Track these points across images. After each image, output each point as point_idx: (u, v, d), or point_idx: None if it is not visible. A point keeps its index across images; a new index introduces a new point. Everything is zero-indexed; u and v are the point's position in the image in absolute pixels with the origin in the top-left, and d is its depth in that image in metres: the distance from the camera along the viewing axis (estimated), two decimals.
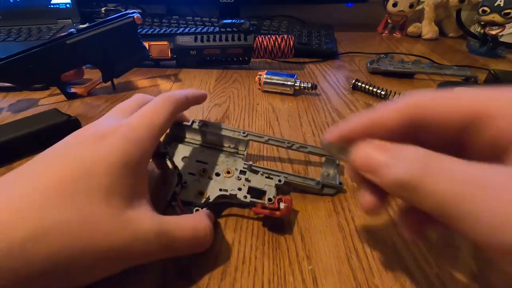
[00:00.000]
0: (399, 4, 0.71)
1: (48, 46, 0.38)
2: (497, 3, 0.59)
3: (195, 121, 0.28)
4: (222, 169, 0.26)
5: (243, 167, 0.26)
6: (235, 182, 0.25)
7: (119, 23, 0.42)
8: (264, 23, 0.72)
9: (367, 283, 0.20)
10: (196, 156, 0.27)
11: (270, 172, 0.26)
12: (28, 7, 0.69)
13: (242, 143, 0.28)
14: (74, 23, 0.69)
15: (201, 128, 0.28)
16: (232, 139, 0.28)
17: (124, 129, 0.19)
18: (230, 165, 0.27)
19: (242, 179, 0.26)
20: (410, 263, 0.22)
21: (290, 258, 0.22)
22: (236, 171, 0.26)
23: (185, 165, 0.27)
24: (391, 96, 0.44)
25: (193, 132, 0.28)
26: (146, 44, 0.49)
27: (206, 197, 0.24)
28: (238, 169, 0.26)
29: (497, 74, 0.47)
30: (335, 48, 0.62)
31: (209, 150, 0.28)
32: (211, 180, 0.26)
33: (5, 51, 0.43)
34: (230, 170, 0.26)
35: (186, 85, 0.49)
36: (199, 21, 0.69)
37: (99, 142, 0.18)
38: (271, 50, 0.53)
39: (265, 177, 0.26)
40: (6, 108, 0.41)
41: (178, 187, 0.24)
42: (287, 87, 0.45)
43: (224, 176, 0.26)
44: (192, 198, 0.24)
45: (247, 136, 0.27)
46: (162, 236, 0.18)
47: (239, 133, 0.27)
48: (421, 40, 0.75)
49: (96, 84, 0.45)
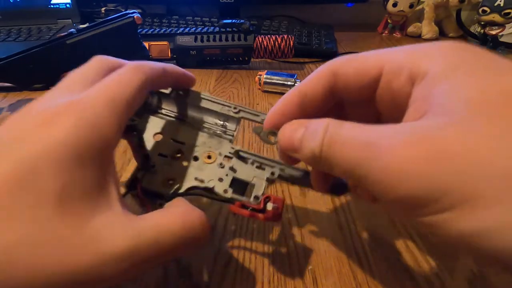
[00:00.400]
0: (399, 4, 0.71)
1: (48, 46, 0.39)
2: (497, 3, 0.59)
3: (176, 90, 0.22)
4: (202, 152, 0.21)
5: (229, 151, 0.21)
6: (216, 171, 0.20)
7: (119, 23, 0.42)
8: (264, 23, 0.72)
9: (367, 283, 0.20)
10: (172, 133, 0.22)
11: (263, 161, 0.21)
12: (28, 7, 0.69)
13: (232, 120, 0.22)
14: (74, 23, 0.69)
15: (181, 97, 0.22)
16: (220, 114, 0.22)
17: (77, 108, 0.14)
18: (213, 148, 0.21)
19: (225, 167, 0.20)
20: (410, 263, 0.22)
21: (290, 258, 0.22)
22: (220, 156, 0.21)
23: (157, 144, 0.21)
24: None
25: (172, 102, 0.23)
26: (146, 44, 0.49)
27: (175, 187, 0.20)
28: (222, 154, 0.21)
29: None
30: (335, 48, 0.62)
31: (190, 126, 0.22)
32: (186, 165, 0.21)
33: (5, 51, 0.43)
34: (211, 155, 0.21)
35: None
36: (199, 21, 0.69)
37: (45, 127, 0.13)
38: (271, 50, 0.53)
39: (255, 167, 0.21)
40: (6, 108, 0.41)
41: (141, 171, 0.20)
42: (287, 87, 0.45)
43: (203, 161, 0.21)
44: (157, 187, 0.20)
45: (239, 113, 0.22)
46: (141, 250, 0.13)
47: (229, 108, 0.22)
48: (421, 40, 0.75)
49: None
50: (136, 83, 0.17)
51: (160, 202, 0.19)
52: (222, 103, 0.22)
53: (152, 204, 0.19)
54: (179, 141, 0.22)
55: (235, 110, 0.22)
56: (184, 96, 0.22)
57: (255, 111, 0.22)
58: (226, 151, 0.21)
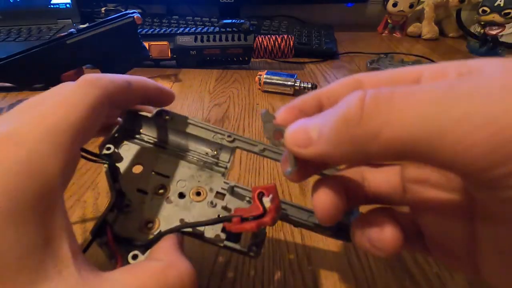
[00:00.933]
0: (399, 4, 0.71)
1: (48, 46, 0.39)
2: (497, 3, 0.59)
3: (161, 113, 0.19)
4: (190, 188, 0.18)
5: (221, 187, 0.18)
6: (206, 211, 0.17)
7: (119, 23, 0.42)
8: (264, 23, 0.72)
9: (367, 283, 0.20)
10: (154, 164, 0.18)
11: None
12: (28, 7, 0.69)
13: (225, 150, 0.19)
14: (74, 23, 0.69)
15: (165, 121, 0.19)
16: (211, 143, 0.19)
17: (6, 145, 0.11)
18: (203, 183, 0.18)
19: (217, 206, 0.17)
20: (410, 263, 0.22)
21: (290, 258, 0.22)
22: (211, 192, 0.18)
23: (135, 177, 0.18)
24: None
25: (154, 127, 0.19)
26: (146, 44, 0.49)
27: (155, 230, 0.16)
28: (214, 190, 0.18)
29: None
30: (335, 48, 0.62)
31: (175, 157, 0.19)
32: (169, 204, 0.17)
33: (5, 51, 0.43)
34: (201, 191, 0.18)
35: (186, 85, 0.49)
36: (199, 21, 0.69)
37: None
38: (271, 50, 0.53)
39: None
40: (6, 108, 0.41)
41: (113, 212, 0.16)
42: (287, 87, 0.45)
43: (190, 199, 0.17)
44: (134, 231, 0.16)
45: (233, 142, 0.19)
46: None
47: (222, 136, 0.19)
48: (421, 40, 0.75)
49: None
50: (88, 101, 0.13)
51: (134, 253, 0.14)
52: (214, 130, 0.19)
53: (124, 256, 0.14)
54: (162, 174, 0.18)
55: (230, 138, 0.19)
56: (168, 121, 0.19)
57: (252, 140, 0.19)
58: (218, 186, 0.18)
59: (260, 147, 0.19)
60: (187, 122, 0.19)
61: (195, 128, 0.19)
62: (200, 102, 0.43)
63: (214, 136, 0.19)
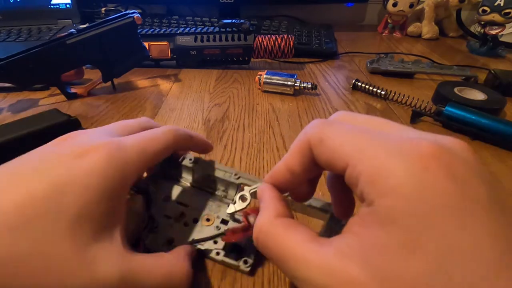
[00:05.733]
0: (399, 4, 0.71)
1: (48, 46, 0.39)
2: (497, 2, 0.59)
3: (185, 157, 0.25)
4: (203, 215, 0.23)
5: (226, 215, 0.23)
6: (212, 232, 0.22)
7: (119, 23, 0.42)
8: (264, 23, 0.72)
9: None
10: (180, 197, 0.24)
11: None
12: (28, 7, 0.69)
13: (232, 186, 0.24)
14: (74, 23, 0.69)
15: (191, 165, 0.24)
16: (222, 180, 0.24)
17: (111, 147, 0.16)
18: (213, 212, 0.23)
19: (221, 229, 0.22)
20: None
21: None
22: (218, 219, 0.22)
23: (164, 206, 0.23)
24: (391, 95, 0.44)
25: (181, 169, 0.25)
26: (146, 44, 0.49)
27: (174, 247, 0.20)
28: (220, 217, 0.23)
29: (497, 74, 0.47)
30: (335, 48, 0.62)
31: (198, 192, 0.24)
32: (186, 227, 0.22)
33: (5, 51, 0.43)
34: (210, 217, 0.23)
35: (186, 85, 0.49)
36: (199, 21, 0.69)
37: (79, 158, 0.15)
38: (271, 50, 0.53)
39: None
40: (6, 108, 0.41)
41: (145, 230, 0.21)
42: (287, 87, 0.45)
43: (202, 224, 0.22)
44: (159, 246, 0.21)
45: (239, 179, 0.23)
46: (127, 282, 0.15)
47: (230, 175, 0.23)
48: (421, 40, 0.75)
49: (96, 84, 0.45)
50: (165, 141, 0.19)
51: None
52: (225, 170, 0.24)
53: None
54: (183, 204, 0.24)
55: (236, 176, 0.23)
56: (195, 164, 0.24)
57: (253, 178, 0.23)
58: (224, 215, 0.23)
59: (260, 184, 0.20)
60: (207, 165, 0.24)
61: (213, 169, 0.24)
62: (200, 102, 0.43)
63: (224, 175, 0.24)
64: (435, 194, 0.11)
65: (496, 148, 0.34)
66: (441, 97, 0.41)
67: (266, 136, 0.36)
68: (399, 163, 0.12)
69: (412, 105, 0.42)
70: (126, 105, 0.42)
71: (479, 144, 0.35)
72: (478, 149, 0.34)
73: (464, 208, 0.11)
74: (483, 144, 0.35)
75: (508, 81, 0.45)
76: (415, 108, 0.40)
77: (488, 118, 0.35)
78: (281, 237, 0.15)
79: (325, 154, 0.14)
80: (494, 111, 0.39)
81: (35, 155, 0.16)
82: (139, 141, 0.18)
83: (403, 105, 0.43)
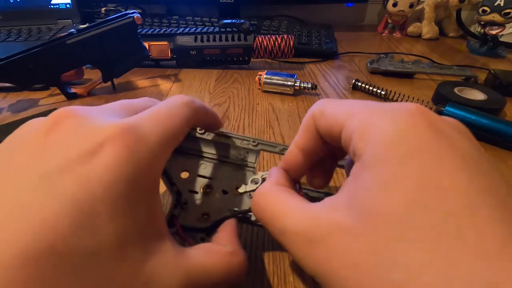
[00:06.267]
0: (399, 4, 0.71)
1: (48, 46, 0.38)
2: (497, 3, 0.59)
3: (195, 129, 0.23)
4: (230, 185, 0.22)
5: (254, 180, 0.22)
6: (246, 200, 0.22)
7: (119, 23, 0.42)
8: (264, 23, 0.72)
9: None
10: (198, 169, 0.23)
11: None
12: (28, 7, 0.69)
13: (251, 153, 0.23)
14: (74, 23, 0.69)
15: (202, 135, 0.23)
16: (239, 148, 0.23)
17: (129, 137, 0.12)
18: (239, 180, 0.22)
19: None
20: None
21: (290, 258, 0.22)
22: (246, 186, 0.22)
23: (185, 181, 0.22)
24: (391, 95, 0.44)
25: (193, 140, 0.23)
26: (146, 44, 0.49)
27: (212, 220, 0.20)
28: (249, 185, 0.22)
29: (497, 74, 0.47)
30: (335, 48, 0.62)
31: (213, 162, 0.23)
32: (217, 199, 0.22)
33: (5, 51, 0.43)
34: (239, 186, 0.22)
35: (186, 85, 0.49)
36: (199, 21, 0.69)
37: (91, 159, 0.11)
38: (271, 50, 0.53)
39: None
40: (6, 108, 0.41)
41: (177, 208, 0.20)
42: (287, 87, 0.44)
43: (233, 194, 0.22)
44: (194, 222, 0.20)
45: (257, 146, 0.23)
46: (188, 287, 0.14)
47: (248, 142, 0.23)
48: (421, 40, 0.75)
49: (96, 84, 0.45)
50: (185, 118, 0.16)
51: (201, 236, 0.19)
52: (241, 137, 0.23)
53: (194, 239, 0.19)
54: (206, 176, 0.22)
55: (254, 143, 0.23)
56: (206, 134, 0.23)
57: (272, 143, 0.22)
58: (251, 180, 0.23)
59: (279, 148, 0.22)
60: (220, 134, 0.23)
61: (226, 137, 0.22)
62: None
63: (241, 142, 0.23)
64: (415, 139, 0.12)
65: (496, 148, 0.34)
66: (441, 97, 0.41)
67: (266, 136, 0.36)
68: (385, 118, 0.13)
69: None
70: None
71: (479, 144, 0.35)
72: None
73: (442, 151, 0.11)
74: (483, 144, 0.35)
75: (508, 81, 0.45)
76: None
77: (488, 118, 0.35)
78: (275, 197, 0.15)
79: (325, 123, 0.16)
80: (494, 111, 0.39)
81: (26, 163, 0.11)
82: (157, 121, 0.14)
83: None
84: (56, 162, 0.11)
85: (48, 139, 0.12)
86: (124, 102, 0.16)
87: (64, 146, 0.12)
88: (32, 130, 0.13)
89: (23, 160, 0.12)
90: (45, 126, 0.12)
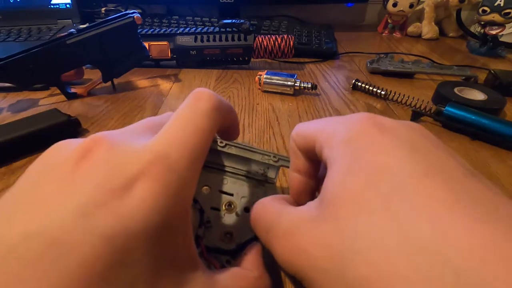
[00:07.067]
0: (399, 4, 0.71)
1: (48, 46, 0.38)
2: (497, 3, 0.59)
3: (216, 140, 0.21)
4: (252, 203, 0.21)
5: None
6: None
7: (119, 23, 0.42)
8: (264, 23, 0.72)
9: None
10: (219, 185, 0.21)
11: None
12: (28, 7, 0.69)
13: (272, 169, 0.22)
14: (74, 23, 0.69)
15: (223, 148, 0.22)
16: (260, 163, 0.22)
17: (161, 168, 0.12)
18: (261, 197, 0.21)
19: None
20: None
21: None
22: None
23: (206, 197, 0.21)
24: (391, 95, 0.44)
25: (214, 153, 0.22)
26: (146, 44, 0.49)
27: (236, 240, 0.19)
28: None
29: (497, 74, 0.47)
30: (335, 48, 0.62)
31: (234, 177, 0.22)
32: (239, 217, 0.20)
33: (5, 51, 0.43)
34: None
35: (186, 85, 0.49)
36: (199, 21, 0.69)
37: (124, 194, 0.11)
38: (271, 50, 0.53)
39: None
40: (6, 108, 0.41)
41: (201, 228, 0.19)
42: (287, 87, 0.45)
43: None
44: (217, 242, 0.19)
45: (278, 162, 0.22)
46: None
47: (269, 157, 0.22)
48: (421, 40, 0.75)
49: (96, 84, 0.45)
50: (213, 127, 0.15)
51: (227, 258, 0.19)
52: (262, 152, 0.22)
53: (219, 262, 0.18)
54: (227, 193, 0.21)
55: (275, 159, 0.22)
56: (228, 147, 0.22)
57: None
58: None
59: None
60: (241, 148, 0.22)
61: (247, 151, 0.22)
62: None
63: (262, 157, 0.22)
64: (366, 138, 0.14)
65: (496, 148, 0.34)
66: (441, 97, 0.41)
67: (266, 136, 0.36)
68: (343, 126, 0.15)
69: (412, 105, 0.42)
70: (126, 105, 0.42)
71: (479, 144, 0.35)
72: (478, 149, 0.34)
73: (389, 144, 0.13)
74: (483, 144, 0.35)
75: (508, 81, 0.45)
76: (415, 108, 0.40)
77: (488, 118, 0.35)
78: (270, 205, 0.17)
79: (301, 141, 0.17)
80: (494, 111, 0.39)
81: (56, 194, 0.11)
82: (185, 143, 0.13)
83: (403, 105, 0.43)
84: (91, 197, 0.11)
85: (80, 170, 0.12)
86: (150, 122, 0.16)
87: (96, 179, 0.11)
88: (61, 157, 0.12)
89: (54, 190, 0.11)
90: (76, 155, 0.12)
